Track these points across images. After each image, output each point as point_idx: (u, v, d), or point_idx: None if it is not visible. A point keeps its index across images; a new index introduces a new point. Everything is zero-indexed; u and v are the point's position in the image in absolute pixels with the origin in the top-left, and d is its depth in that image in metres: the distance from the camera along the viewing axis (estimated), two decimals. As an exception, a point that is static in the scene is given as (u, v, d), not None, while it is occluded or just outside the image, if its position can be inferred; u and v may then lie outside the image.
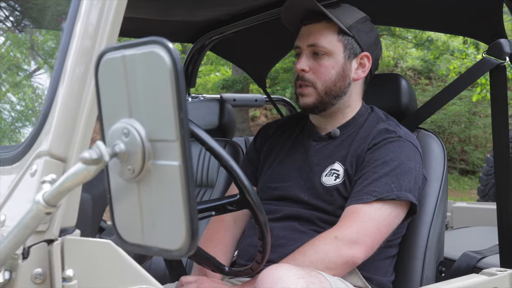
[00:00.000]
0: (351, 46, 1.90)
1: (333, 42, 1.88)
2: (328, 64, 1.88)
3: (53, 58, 1.94)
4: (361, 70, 1.93)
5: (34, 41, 2.00)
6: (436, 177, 2.01)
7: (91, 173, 0.77)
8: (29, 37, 2.00)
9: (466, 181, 12.36)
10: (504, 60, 1.94)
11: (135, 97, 0.76)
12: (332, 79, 1.88)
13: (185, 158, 0.71)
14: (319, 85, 1.88)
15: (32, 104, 1.81)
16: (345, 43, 1.89)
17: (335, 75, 1.88)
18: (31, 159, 1.03)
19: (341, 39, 1.88)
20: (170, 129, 0.72)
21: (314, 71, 1.88)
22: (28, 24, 1.99)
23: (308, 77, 1.88)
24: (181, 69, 0.70)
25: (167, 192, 0.74)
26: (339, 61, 1.88)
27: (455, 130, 13.20)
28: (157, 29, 2.98)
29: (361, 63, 1.93)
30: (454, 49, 12.50)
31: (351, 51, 1.90)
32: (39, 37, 2.02)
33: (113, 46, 0.77)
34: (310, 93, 1.89)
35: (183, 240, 0.73)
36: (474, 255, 2.36)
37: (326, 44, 1.87)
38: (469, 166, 12.91)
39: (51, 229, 0.97)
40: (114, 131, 0.78)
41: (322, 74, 1.88)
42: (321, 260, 1.65)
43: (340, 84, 1.89)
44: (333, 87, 1.88)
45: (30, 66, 2.00)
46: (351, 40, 1.89)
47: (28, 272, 0.96)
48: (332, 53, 1.87)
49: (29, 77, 1.90)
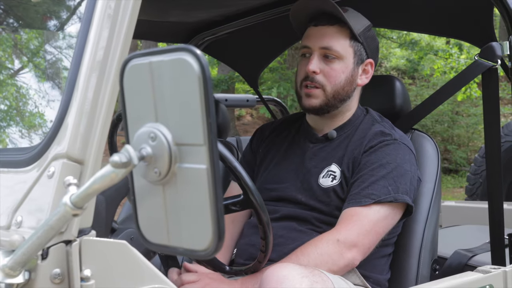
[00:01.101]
0: (360, 53, 1.94)
1: (345, 47, 1.90)
2: (339, 68, 1.90)
3: (38, 56, 1.94)
4: (365, 76, 1.98)
5: (17, 40, 2.00)
6: (430, 178, 2.05)
7: (119, 176, 0.79)
8: (12, 36, 2.00)
9: (449, 180, 12.49)
10: (496, 63, 1.98)
11: (162, 102, 0.78)
12: (342, 83, 1.91)
13: (213, 162, 0.74)
14: (329, 88, 1.90)
15: (16, 104, 1.81)
16: (355, 49, 1.92)
17: (344, 80, 1.91)
18: (48, 161, 1.05)
19: (352, 45, 1.92)
20: (198, 133, 0.74)
21: (325, 74, 1.90)
22: (12, 22, 1.99)
23: (319, 79, 1.90)
24: (210, 75, 0.73)
25: (193, 194, 0.77)
26: (349, 67, 1.92)
27: (438, 129, 13.33)
28: (150, 30, 2.99)
29: (364, 69, 1.97)
30: (437, 49, 12.63)
31: (359, 57, 1.94)
32: (23, 36, 2.03)
33: (139, 52, 0.80)
34: (318, 95, 1.91)
35: (209, 240, 0.75)
36: (465, 253, 2.41)
37: (339, 49, 1.90)
38: (452, 165, 13.04)
39: (69, 230, 0.99)
40: (140, 135, 0.80)
41: (333, 78, 1.90)
42: (324, 262, 1.69)
43: (347, 89, 1.93)
44: (341, 91, 1.91)
45: (14, 65, 2.00)
46: (360, 47, 1.93)
47: (47, 272, 0.98)
48: (344, 58, 1.90)
49: (13, 76, 1.90)
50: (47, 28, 1.86)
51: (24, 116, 1.73)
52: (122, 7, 1.08)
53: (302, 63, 1.96)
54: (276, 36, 2.99)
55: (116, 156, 0.77)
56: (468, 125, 13.27)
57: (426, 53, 13.03)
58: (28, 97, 1.74)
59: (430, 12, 2.43)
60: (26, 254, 0.89)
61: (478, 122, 12.95)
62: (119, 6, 1.08)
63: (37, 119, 1.63)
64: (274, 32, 2.91)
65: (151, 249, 0.84)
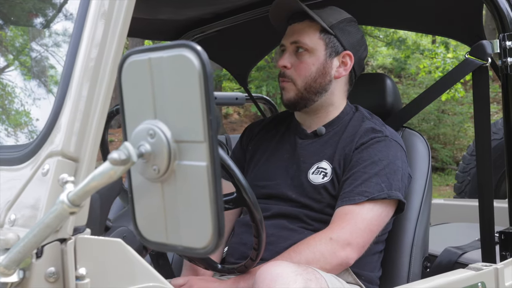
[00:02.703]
0: (333, 45, 1.95)
1: (314, 39, 1.94)
2: (308, 61, 1.93)
3: (23, 54, 1.92)
4: (343, 68, 1.98)
5: (2, 37, 1.98)
6: (421, 175, 2.06)
7: (118, 173, 0.78)
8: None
9: (435, 178, 12.56)
10: (486, 61, 1.99)
11: (161, 99, 0.77)
12: (312, 75, 1.93)
13: (213, 159, 0.73)
14: (299, 82, 1.94)
15: (2, 102, 1.79)
16: (327, 41, 1.95)
17: (315, 72, 1.93)
18: (42, 159, 1.03)
19: (322, 37, 1.94)
20: (198, 130, 0.74)
21: (295, 68, 1.94)
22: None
23: (289, 73, 1.95)
24: (211, 72, 0.72)
25: (193, 191, 0.76)
26: (320, 58, 1.94)
27: (424, 127, 13.39)
28: (139, 27, 2.97)
29: (343, 62, 1.98)
30: (424, 48, 12.70)
31: (332, 49, 1.95)
32: (8, 33, 2.01)
33: (138, 49, 0.79)
34: (290, 88, 1.95)
35: (209, 238, 0.75)
36: (456, 251, 2.42)
37: (307, 41, 1.93)
38: (438, 163, 13.11)
39: (65, 228, 0.98)
40: (138, 132, 0.79)
41: (302, 71, 1.93)
42: (316, 260, 1.68)
43: (320, 81, 1.94)
44: (313, 84, 1.93)
45: None
46: (333, 39, 1.95)
47: (42, 271, 0.97)
48: (313, 50, 1.93)
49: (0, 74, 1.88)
50: (33, 25, 1.84)
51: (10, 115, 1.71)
52: (117, 4, 1.07)
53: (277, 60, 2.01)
54: (265, 34, 2.98)
55: (115, 153, 0.76)
56: (454, 123, 13.35)
57: (413, 52, 13.09)
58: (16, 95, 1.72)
59: (419, 10, 2.44)
60: (21, 253, 0.88)
61: (463, 121, 13.03)
62: (114, 3, 1.07)
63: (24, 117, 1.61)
64: (263, 30, 2.90)
65: (149, 247, 0.83)
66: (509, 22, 1.97)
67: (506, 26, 1.97)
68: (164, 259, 2.11)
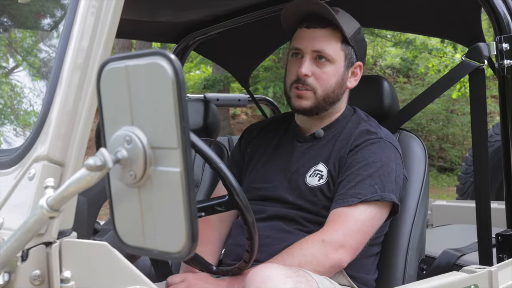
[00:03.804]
0: (350, 56, 1.94)
1: (337, 50, 1.91)
2: (330, 71, 1.90)
3: (32, 55, 1.94)
4: (354, 78, 1.99)
5: (12, 39, 2.00)
6: (417, 177, 2.06)
7: (94, 179, 0.80)
8: (7, 35, 2.00)
9: (444, 179, 12.51)
10: (483, 63, 1.99)
11: (137, 106, 0.79)
12: (332, 87, 1.91)
13: (186, 165, 0.74)
14: (320, 91, 1.90)
15: (11, 102, 1.81)
16: (346, 52, 1.93)
17: (335, 83, 1.92)
18: (29, 163, 1.05)
19: (343, 48, 1.92)
20: (172, 137, 0.75)
21: (317, 77, 1.90)
22: (6, 21, 1.99)
23: (310, 82, 1.90)
24: (183, 79, 0.73)
25: (168, 197, 0.77)
26: (340, 70, 1.92)
27: (433, 128, 13.34)
28: (141, 30, 2.99)
29: (353, 72, 1.98)
30: (432, 48, 12.65)
31: (349, 60, 1.94)
32: (17, 35, 2.03)
33: (116, 56, 0.80)
34: (309, 97, 1.91)
35: (183, 243, 0.76)
36: (454, 253, 2.42)
37: (331, 52, 1.89)
38: (447, 163, 13.06)
39: (49, 232, 0.99)
40: (116, 138, 0.80)
41: (324, 81, 1.90)
42: (309, 262, 1.69)
43: (337, 92, 1.93)
44: (331, 94, 1.92)
45: (8, 64, 2.00)
46: (351, 50, 1.94)
47: (27, 274, 0.99)
48: (335, 61, 1.90)
49: (8, 75, 1.90)
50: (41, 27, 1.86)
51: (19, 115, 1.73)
52: (104, 10, 1.08)
53: (293, 64, 1.95)
54: (267, 36, 3.00)
55: (91, 159, 0.78)
56: (463, 123, 13.28)
57: (421, 51, 13.04)
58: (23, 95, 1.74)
59: (419, 12, 2.44)
60: (4, 256, 0.90)
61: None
62: (101, 8, 1.09)
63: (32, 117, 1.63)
64: (264, 32, 2.92)
65: (127, 251, 0.85)
66: (506, 24, 1.97)
67: (502, 28, 1.97)
68: (163, 260, 2.12)
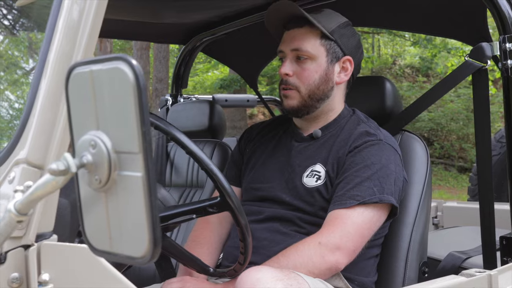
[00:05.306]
0: (334, 50, 1.93)
1: (316, 46, 1.91)
2: (311, 68, 1.91)
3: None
4: (344, 73, 1.97)
5: (32, 40, 2.02)
6: (419, 179, 2.03)
7: (60, 183, 0.80)
8: (27, 36, 2.03)
9: (464, 179, 12.38)
10: (486, 64, 1.97)
11: (102, 110, 0.79)
12: (316, 83, 1.91)
13: (147, 170, 0.74)
14: (303, 89, 1.91)
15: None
16: (328, 47, 1.92)
17: (318, 79, 1.91)
18: (10, 166, 1.06)
19: (323, 43, 1.92)
20: (133, 141, 0.75)
21: (298, 75, 1.91)
22: (26, 22, 2.02)
23: (292, 81, 1.92)
24: (144, 85, 0.73)
25: (131, 201, 0.77)
26: (322, 65, 1.92)
27: (453, 127, 13.21)
28: (149, 31, 3.01)
29: (343, 67, 1.96)
30: (451, 46, 12.52)
31: (333, 55, 1.93)
32: (37, 36, 2.05)
33: (82, 61, 0.80)
34: (293, 96, 1.92)
35: (146, 248, 0.76)
36: (460, 256, 2.39)
37: (309, 49, 1.90)
38: (467, 163, 12.93)
39: (27, 235, 1.00)
40: (82, 142, 0.81)
41: (306, 78, 1.91)
42: (305, 264, 1.68)
43: (323, 88, 1.92)
44: (316, 91, 1.91)
45: (28, 64, 2.02)
46: (334, 44, 1.93)
47: (5, 276, 0.99)
48: (315, 57, 1.91)
49: (27, 75, 1.93)
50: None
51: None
52: (84, 18, 1.08)
53: (280, 67, 1.97)
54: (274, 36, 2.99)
55: (54, 164, 0.78)
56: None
57: (440, 50, 12.91)
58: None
59: (424, 12, 2.42)
60: (-22, 259, 0.91)
61: (494, 120, 12.80)
62: (82, 16, 1.09)
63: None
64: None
65: (96, 255, 0.85)
66: (510, 24, 1.94)
67: (507, 28, 1.94)
68: (166, 261, 2.13)
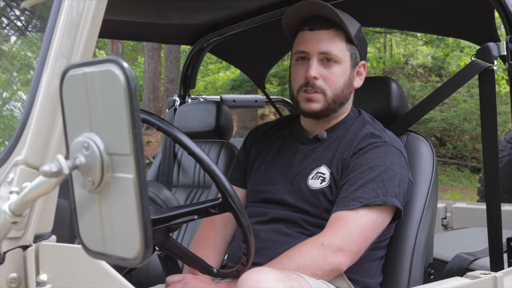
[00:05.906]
0: (355, 55, 1.93)
1: (343, 50, 1.90)
2: (338, 72, 1.89)
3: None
4: (359, 78, 1.98)
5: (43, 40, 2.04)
6: (424, 180, 2.02)
7: (53, 185, 0.81)
8: (39, 37, 2.05)
9: (477, 179, 12.29)
10: (492, 64, 1.96)
11: (95, 112, 0.79)
12: (341, 87, 1.90)
13: (138, 171, 0.75)
14: (329, 93, 1.89)
15: None
16: (352, 52, 1.92)
17: (343, 84, 1.90)
18: (9, 168, 1.06)
19: (349, 48, 1.91)
20: (125, 143, 0.75)
21: (325, 79, 1.88)
22: (38, 23, 2.04)
23: (319, 84, 1.88)
24: (135, 87, 0.74)
25: (123, 203, 0.78)
26: (347, 70, 1.91)
27: (466, 127, 13.13)
28: (156, 32, 3.02)
29: (358, 71, 1.96)
30: (464, 45, 12.45)
31: (355, 60, 1.93)
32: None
33: (75, 63, 0.81)
34: (319, 99, 1.89)
35: (137, 249, 0.76)
36: (467, 257, 2.37)
37: (338, 53, 1.88)
38: (480, 164, 12.82)
39: (25, 236, 1.01)
40: (76, 144, 0.81)
41: (333, 82, 1.89)
42: (307, 266, 1.67)
43: (346, 92, 1.92)
44: (340, 95, 1.91)
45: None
46: (355, 49, 1.93)
47: (3, 276, 1.00)
48: (342, 61, 1.89)
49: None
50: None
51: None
52: (83, 18, 1.09)
53: (299, 68, 1.92)
54: (281, 36, 2.98)
55: (47, 166, 0.78)
56: (498, 123, 13.03)
57: (453, 49, 12.83)
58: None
59: (431, 12, 2.41)
60: (-25, 260, 0.92)
61: (507, 120, 12.71)
62: (81, 17, 1.10)
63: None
64: (279, 33, 2.90)
65: (90, 256, 0.85)
66: None
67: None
68: (172, 261, 2.14)
